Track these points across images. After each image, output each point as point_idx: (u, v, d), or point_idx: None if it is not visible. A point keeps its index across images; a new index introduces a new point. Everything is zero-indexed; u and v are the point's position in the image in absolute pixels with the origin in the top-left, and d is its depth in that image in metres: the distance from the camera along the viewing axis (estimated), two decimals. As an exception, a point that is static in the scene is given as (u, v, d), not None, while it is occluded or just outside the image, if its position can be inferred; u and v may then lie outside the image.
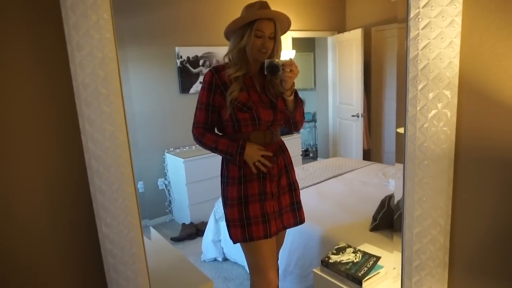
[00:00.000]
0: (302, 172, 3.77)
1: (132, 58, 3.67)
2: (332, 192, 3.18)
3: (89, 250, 1.15)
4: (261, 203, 1.65)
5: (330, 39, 5.50)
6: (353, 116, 5.13)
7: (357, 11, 5.36)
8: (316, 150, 6.48)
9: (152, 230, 2.32)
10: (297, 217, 1.80)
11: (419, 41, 0.86)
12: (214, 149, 1.63)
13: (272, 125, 1.66)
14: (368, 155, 5.32)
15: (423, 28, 0.85)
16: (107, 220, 1.05)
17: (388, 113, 5.22)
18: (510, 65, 0.84)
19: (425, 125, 0.90)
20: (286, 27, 1.67)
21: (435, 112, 0.89)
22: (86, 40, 0.94)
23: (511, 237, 0.93)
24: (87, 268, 1.18)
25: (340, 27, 5.47)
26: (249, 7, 1.60)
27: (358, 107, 5.04)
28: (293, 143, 4.65)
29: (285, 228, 1.79)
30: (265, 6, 1.59)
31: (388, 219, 2.31)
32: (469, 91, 0.89)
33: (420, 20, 0.85)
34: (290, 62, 1.54)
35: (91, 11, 0.93)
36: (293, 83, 1.61)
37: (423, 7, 0.84)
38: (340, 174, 3.68)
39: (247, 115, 1.59)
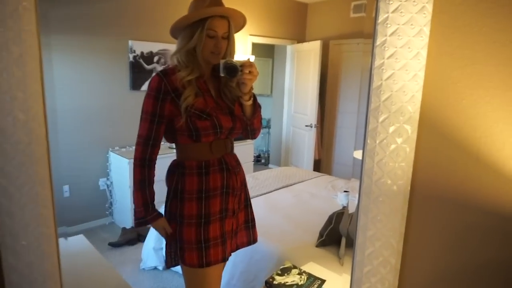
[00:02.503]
0: (253, 180, 3.72)
1: (80, 48, 3.41)
2: (281, 203, 3.15)
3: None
4: (221, 222, 1.48)
5: (289, 48, 5.51)
6: (306, 126, 5.17)
7: (318, 23, 5.42)
8: (268, 157, 6.48)
9: (81, 238, 2.13)
10: (251, 236, 1.67)
11: (384, 70, 0.81)
12: (136, 190, 1.44)
13: (230, 134, 1.50)
14: (318, 165, 5.40)
15: (388, 58, 0.80)
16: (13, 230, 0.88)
17: (341, 125, 5.33)
18: (470, 105, 0.82)
19: (383, 160, 0.85)
20: (240, 25, 1.50)
21: (394, 147, 0.85)
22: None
23: (460, 278, 0.91)
24: None
25: (300, 37, 5.50)
26: (198, 2, 1.41)
27: (312, 117, 5.09)
28: (246, 150, 4.58)
29: (238, 248, 1.63)
30: (217, 2, 1.41)
31: (334, 236, 2.31)
32: (429, 127, 0.85)
33: (386, 49, 0.80)
34: (249, 63, 1.39)
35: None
36: (252, 87, 1.45)
37: (390, 35, 0.79)
38: (290, 185, 3.67)
39: (208, 123, 1.40)
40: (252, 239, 1.67)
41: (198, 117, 1.39)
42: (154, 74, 1.46)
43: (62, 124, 3.44)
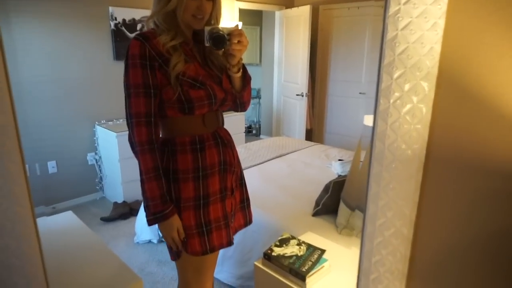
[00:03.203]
0: (245, 151, 3.65)
1: (58, 14, 3.20)
2: (275, 173, 3.10)
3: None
4: (222, 202, 1.35)
5: (278, 14, 5.32)
6: (297, 95, 5.07)
7: (307, -14, 5.21)
8: (259, 127, 6.40)
9: (70, 214, 2.04)
10: (247, 216, 1.54)
11: (400, 19, 0.71)
12: (148, 181, 1.23)
13: (222, 105, 1.36)
14: (310, 135, 5.34)
15: (405, 3, 0.70)
16: None
17: (332, 93, 5.23)
18: (495, 57, 0.73)
19: (397, 122, 0.77)
20: None
21: (410, 107, 0.76)
22: None
23: (474, 247, 0.85)
24: None
25: (288, 2, 5.30)
26: None
27: (303, 86, 4.98)
28: (237, 120, 4.49)
29: (236, 231, 1.49)
30: None
31: (331, 205, 2.27)
32: (448, 84, 0.76)
33: (402, -6, 0.70)
34: (239, 31, 1.23)
35: None
36: (241, 58, 1.31)
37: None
38: (284, 155, 3.62)
39: (202, 93, 1.25)
40: (248, 220, 1.56)
41: (191, 86, 1.24)
42: (131, 39, 1.24)
43: (44, 97, 3.28)
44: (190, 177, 1.29)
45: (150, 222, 1.26)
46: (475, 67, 0.74)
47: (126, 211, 3.38)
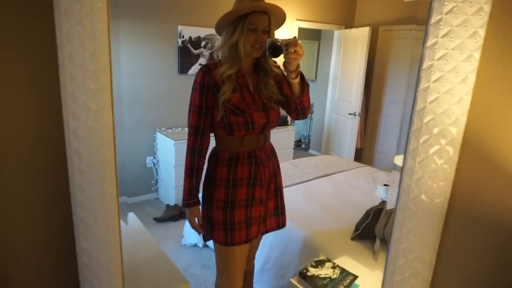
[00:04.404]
0: (292, 167, 3.75)
1: (132, 33, 3.56)
2: (319, 192, 3.17)
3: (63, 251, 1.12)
4: (247, 208, 1.62)
5: (336, 33, 5.40)
6: (350, 114, 5.10)
7: (368, 8, 5.25)
8: (309, 142, 6.47)
9: (132, 215, 2.28)
10: (280, 221, 1.80)
11: (428, 94, 0.82)
12: (185, 176, 1.61)
13: (265, 128, 1.61)
14: (360, 154, 5.33)
15: (434, 81, 0.81)
16: (85, 220, 1.01)
17: (386, 115, 5.20)
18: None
19: (421, 179, 0.87)
20: (281, 21, 1.58)
21: (434, 167, 0.86)
22: (76, 8, 0.87)
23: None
24: (59, 267, 1.15)
25: (348, 23, 5.36)
26: (241, 0, 1.51)
27: (356, 105, 5.00)
28: (286, 136, 4.62)
29: (267, 232, 1.78)
30: None
31: (370, 231, 2.32)
32: (472, 150, 0.86)
33: (432, 72, 0.81)
34: (295, 42, 1.43)
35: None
36: (298, 65, 1.50)
37: (438, 59, 0.80)
38: (330, 174, 3.67)
39: (240, 119, 1.52)
40: (280, 224, 1.81)
41: (232, 112, 1.51)
42: (199, 67, 1.57)
43: (115, 104, 3.64)
44: (223, 185, 1.59)
45: (183, 206, 1.64)
46: (497, 137, 0.83)
47: (177, 214, 3.63)
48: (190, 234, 3.13)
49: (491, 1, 0.74)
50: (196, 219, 1.65)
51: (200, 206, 1.69)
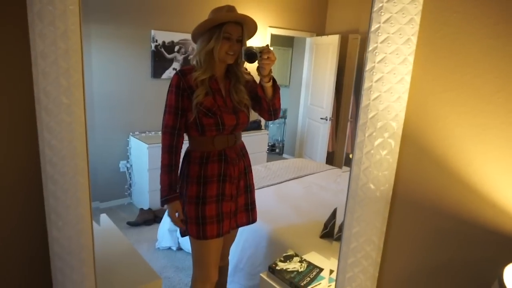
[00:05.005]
0: (265, 170, 3.83)
1: (105, 36, 3.57)
2: (290, 194, 3.26)
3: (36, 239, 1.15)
4: (217, 204, 1.71)
5: (308, 40, 5.56)
6: (322, 118, 5.25)
7: (337, 17, 5.44)
8: (283, 146, 6.59)
9: (104, 216, 2.31)
10: (250, 217, 1.90)
11: (371, 92, 0.93)
12: (163, 173, 1.66)
13: (235, 129, 1.72)
14: (331, 157, 5.48)
15: (376, 81, 0.92)
16: (57, 210, 1.05)
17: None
18: (444, 127, 0.94)
19: (368, 168, 0.98)
20: (252, 32, 1.71)
21: (378, 158, 0.97)
22: (49, 10, 0.92)
23: (432, 272, 1.04)
24: (31, 253, 1.18)
25: (319, 30, 5.54)
26: (216, 10, 1.64)
27: (328, 110, 5.16)
28: (260, 140, 4.70)
29: (238, 227, 1.88)
30: (233, 9, 1.64)
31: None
32: (410, 142, 0.97)
33: (374, 73, 0.92)
34: (267, 50, 1.57)
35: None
36: (271, 70, 1.63)
37: (378, 62, 0.90)
38: (301, 176, 3.77)
39: (211, 121, 1.63)
40: (251, 219, 1.90)
41: (204, 114, 1.61)
42: (174, 71, 1.70)
43: (87, 107, 3.63)
44: (194, 182, 1.68)
45: (161, 203, 1.69)
46: (431, 131, 0.95)
47: (150, 218, 3.64)
48: (164, 237, 3.15)
49: (420, 13, 0.86)
50: (177, 214, 1.72)
51: None
